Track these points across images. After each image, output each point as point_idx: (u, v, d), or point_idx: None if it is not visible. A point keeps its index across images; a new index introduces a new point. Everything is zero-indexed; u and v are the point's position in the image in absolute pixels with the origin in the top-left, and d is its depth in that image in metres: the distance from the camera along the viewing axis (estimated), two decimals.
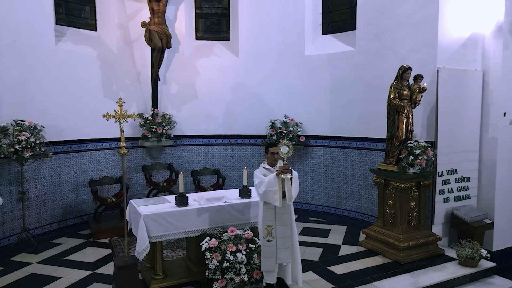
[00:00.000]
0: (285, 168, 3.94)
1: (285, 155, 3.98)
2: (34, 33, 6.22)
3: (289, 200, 3.99)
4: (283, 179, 3.94)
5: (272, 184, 3.95)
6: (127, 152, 4.35)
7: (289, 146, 4.00)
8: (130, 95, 7.65)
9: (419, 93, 5.37)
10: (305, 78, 7.74)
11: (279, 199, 3.97)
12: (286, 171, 3.92)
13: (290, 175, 3.94)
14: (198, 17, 8.39)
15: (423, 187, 5.38)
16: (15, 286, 4.51)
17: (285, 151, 3.99)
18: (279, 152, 4.01)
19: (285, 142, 4.00)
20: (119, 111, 4.35)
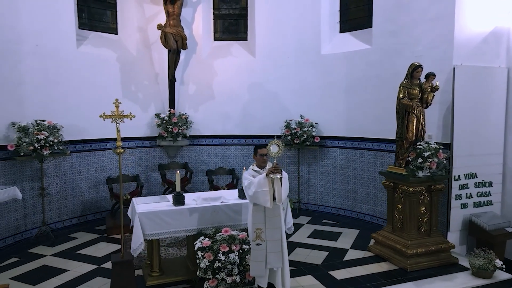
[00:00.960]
0: (275, 168, 3.88)
1: (275, 154, 3.93)
2: (56, 38, 6.56)
3: (278, 201, 3.92)
4: (273, 180, 3.88)
5: (262, 184, 3.90)
6: (123, 152, 4.47)
7: (279, 146, 3.94)
8: (148, 95, 7.89)
9: (431, 92, 5.09)
10: (321, 77, 7.59)
11: (269, 200, 3.91)
12: (276, 171, 3.86)
13: (280, 175, 3.88)
14: (216, 18, 8.48)
15: (435, 191, 5.09)
16: (25, 276, 4.77)
17: (275, 150, 3.94)
18: (268, 151, 3.96)
19: (275, 141, 3.95)
20: (115, 111, 4.40)
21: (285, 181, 3.97)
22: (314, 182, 7.86)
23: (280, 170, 3.92)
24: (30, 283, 4.57)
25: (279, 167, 3.92)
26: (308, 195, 7.94)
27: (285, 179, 3.98)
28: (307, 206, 7.91)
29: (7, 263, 5.22)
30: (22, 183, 6.17)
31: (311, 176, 7.87)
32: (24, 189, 6.18)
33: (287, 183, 4.01)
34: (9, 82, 5.93)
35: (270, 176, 3.86)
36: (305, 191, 7.96)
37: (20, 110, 6.07)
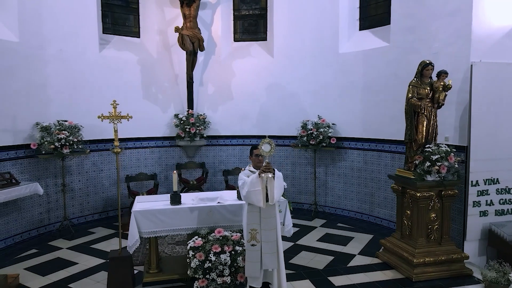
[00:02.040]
0: (267, 167, 3.83)
1: (267, 153, 3.88)
2: (79, 43, 6.92)
3: (271, 201, 3.85)
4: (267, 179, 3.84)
5: (255, 184, 3.86)
6: (121, 151, 4.61)
7: (271, 144, 3.89)
8: (168, 96, 8.10)
9: (443, 91, 4.77)
10: (339, 77, 7.38)
11: (262, 200, 3.86)
12: (267, 171, 3.81)
13: (272, 174, 3.82)
14: (236, 19, 8.52)
15: (447, 197, 4.77)
16: (38, 267, 5.08)
17: (267, 149, 3.88)
18: (260, 151, 3.92)
19: (266, 140, 3.90)
20: (113, 112, 4.56)
21: (278, 181, 3.89)
22: (331, 185, 7.67)
23: (273, 170, 3.86)
24: (40, 274, 4.87)
25: (271, 166, 3.86)
26: (326, 197, 7.76)
27: (278, 179, 3.91)
28: (324, 209, 7.73)
29: (27, 254, 5.59)
30: (46, 179, 6.58)
31: (329, 178, 7.68)
32: (48, 185, 6.60)
33: (281, 182, 3.93)
34: (34, 85, 6.33)
35: (261, 175, 3.82)
36: (322, 193, 7.79)
37: (44, 111, 6.47)
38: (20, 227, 6.16)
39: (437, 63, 5.41)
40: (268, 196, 3.86)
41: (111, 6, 7.72)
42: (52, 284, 4.59)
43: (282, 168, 8.15)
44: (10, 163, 5.98)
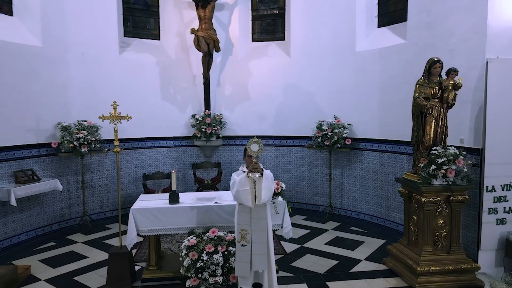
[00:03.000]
0: (254, 167, 3.81)
1: (255, 153, 3.87)
2: (100, 46, 7.23)
3: (258, 201, 3.82)
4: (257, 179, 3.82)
5: (244, 184, 3.86)
6: (120, 151, 4.76)
7: (259, 144, 3.87)
8: (186, 97, 8.25)
9: (453, 90, 4.49)
10: (355, 76, 7.17)
11: (251, 199, 3.85)
12: (255, 170, 3.80)
13: (259, 174, 3.79)
14: (255, 19, 8.52)
15: (456, 203, 4.48)
16: (51, 260, 5.37)
17: (255, 149, 3.88)
18: (248, 150, 3.91)
19: (254, 140, 3.89)
20: (113, 113, 4.71)
21: (267, 181, 3.85)
22: (347, 187, 7.46)
23: (261, 170, 3.83)
24: (52, 266, 5.14)
25: (259, 166, 3.84)
26: (342, 199, 7.57)
27: (267, 179, 3.86)
28: (339, 212, 7.54)
29: (45, 246, 5.93)
30: (67, 176, 6.94)
31: (345, 180, 7.49)
32: (69, 182, 6.96)
33: (269, 182, 3.87)
34: (57, 87, 6.70)
35: (249, 175, 3.81)
36: (338, 196, 7.60)
37: (66, 111, 6.82)
38: (42, 221, 6.54)
39: (453, 60, 5.14)
40: (256, 196, 3.83)
41: (132, 10, 7.99)
42: (59, 276, 4.83)
43: (299, 169, 8.06)
44: (33, 161, 6.36)
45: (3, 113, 5.84)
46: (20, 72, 6.11)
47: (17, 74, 6.05)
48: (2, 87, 5.82)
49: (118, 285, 4.44)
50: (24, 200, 6.14)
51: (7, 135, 5.93)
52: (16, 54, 6.05)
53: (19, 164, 6.12)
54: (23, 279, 4.66)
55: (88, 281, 4.66)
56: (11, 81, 5.97)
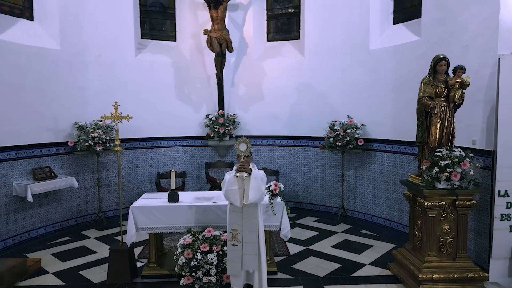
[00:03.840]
0: (242, 166, 3.81)
1: (243, 152, 3.89)
2: (116, 48, 7.46)
3: (245, 201, 3.81)
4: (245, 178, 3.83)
5: (232, 183, 3.87)
6: (120, 150, 4.88)
7: (247, 144, 3.88)
8: (200, 97, 8.35)
9: (460, 89, 4.26)
10: (369, 75, 6.97)
11: (239, 199, 3.86)
12: (241, 169, 3.80)
13: (246, 174, 3.79)
14: (270, 18, 8.49)
15: (462, 207, 4.25)
16: (62, 254, 5.61)
17: (243, 148, 3.91)
18: (236, 150, 3.92)
19: (242, 140, 3.90)
20: (114, 113, 4.84)
21: (255, 181, 3.82)
22: (360, 189, 7.27)
23: (249, 169, 3.82)
24: (61, 260, 5.36)
25: (247, 165, 3.84)
26: (355, 201, 7.38)
27: (256, 179, 3.83)
28: (353, 214, 7.36)
29: (59, 240, 6.20)
30: (84, 174, 7.21)
31: (358, 181, 7.30)
32: (86, 179, 7.23)
33: (259, 183, 3.83)
34: (74, 88, 6.97)
35: (237, 174, 3.82)
36: (351, 197, 7.42)
37: (83, 111, 7.09)
38: (60, 216, 6.83)
39: (466, 57, 4.90)
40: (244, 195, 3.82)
41: (149, 12, 8.18)
42: (66, 270, 5.03)
43: (312, 169, 7.94)
44: (51, 158, 6.67)
45: (23, 113, 6.15)
46: (39, 74, 6.41)
47: (36, 76, 6.36)
48: (22, 89, 6.13)
49: (118, 280, 4.57)
50: (42, 196, 6.44)
51: (27, 134, 6.24)
52: (36, 57, 6.35)
53: (38, 162, 6.43)
54: (32, 271, 4.89)
55: (92, 276, 4.81)
56: (31, 83, 6.28)
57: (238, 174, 3.78)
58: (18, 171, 6.11)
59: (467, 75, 4.23)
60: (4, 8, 6.19)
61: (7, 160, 5.94)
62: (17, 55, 6.06)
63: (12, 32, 6.16)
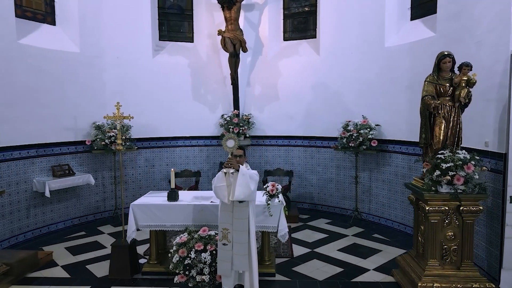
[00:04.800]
0: (228, 162, 3.82)
1: (230, 149, 3.93)
2: (134, 50, 7.69)
3: (231, 197, 3.82)
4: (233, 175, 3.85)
5: (221, 180, 3.92)
6: (122, 149, 5.02)
7: (235, 140, 3.91)
8: (216, 97, 8.43)
9: (466, 87, 4.01)
10: (384, 73, 6.73)
11: (227, 195, 3.88)
12: (228, 166, 3.81)
13: (234, 170, 3.79)
14: (286, 17, 8.41)
15: (467, 213, 4.00)
16: (75, 248, 5.86)
17: (231, 145, 3.95)
18: (223, 147, 3.95)
19: (229, 136, 3.93)
20: (116, 113, 4.98)
21: (244, 178, 3.81)
22: (375, 191, 7.03)
23: (237, 166, 3.83)
24: (72, 253, 5.61)
25: (234, 162, 3.84)
26: (370, 204, 7.16)
27: (244, 176, 3.82)
28: (367, 217, 7.14)
29: (76, 235, 6.48)
30: (102, 171, 7.50)
31: (373, 183, 7.07)
32: (104, 177, 7.52)
33: (247, 180, 3.81)
34: (93, 89, 7.26)
35: (224, 170, 3.85)
36: (366, 200, 7.20)
37: (101, 112, 7.26)
38: (78, 211, 7.15)
39: (479, 53, 4.64)
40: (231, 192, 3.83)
41: (167, 14, 8.36)
42: (75, 263, 5.25)
43: (327, 170, 7.79)
44: (71, 156, 6.98)
45: (43, 113, 6.48)
46: (59, 76, 6.73)
47: (56, 78, 6.68)
48: (42, 90, 6.46)
49: (119, 275, 4.71)
50: (62, 192, 6.77)
51: (47, 133, 6.57)
52: (56, 60, 6.67)
53: (58, 159, 6.76)
54: (43, 263, 5.15)
55: (97, 270, 4.99)
56: (51, 84, 6.61)
57: (225, 170, 3.80)
58: (38, 168, 6.45)
59: (474, 73, 3.97)
60: (27, 14, 6.55)
61: (28, 158, 6.29)
62: (38, 58, 6.39)
63: (34, 37, 6.51)
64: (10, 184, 5.98)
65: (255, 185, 3.92)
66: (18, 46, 6.08)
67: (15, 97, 6.03)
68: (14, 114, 6.02)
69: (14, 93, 6.02)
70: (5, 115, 5.88)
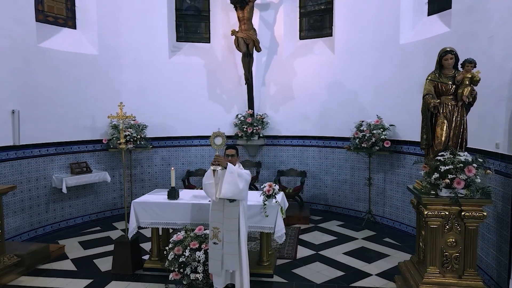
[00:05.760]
0: (216, 159, 3.84)
1: (218, 146, 3.96)
2: (150, 51, 7.89)
3: (218, 194, 3.83)
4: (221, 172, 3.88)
5: (209, 177, 3.98)
6: (125, 147, 5.15)
7: (222, 138, 3.93)
8: (231, 97, 8.47)
9: (471, 85, 3.78)
10: (399, 72, 6.49)
11: (214, 193, 3.90)
12: (216, 163, 3.82)
13: (221, 168, 3.80)
14: (302, 16, 8.31)
15: (470, 219, 3.76)
16: (87, 242, 6.10)
17: (218, 142, 3.99)
18: (211, 144, 3.99)
19: (217, 133, 3.95)
20: (120, 113, 5.11)
21: (231, 176, 3.82)
22: (389, 193, 6.79)
23: (225, 163, 3.84)
24: (84, 247, 5.84)
25: (222, 159, 3.86)
26: (384, 207, 6.92)
27: (232, 174, 3.82)
28: (381, 220, 6.92)
29: (91, 230, 6.75)
30: (120, 169, 7.76)
31: (387, 185, 6.83)
32: (121, 174, 7.77)
33: (233, 178, 3.82)
34: (111, 90, 7.52)
35: (211, 167, 3.88)
36: (380, 203, 6.97)
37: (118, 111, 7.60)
38: (96, 207, 7.43)
39: (491, 49, 4.39)
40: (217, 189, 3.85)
41: (184, 16, 8.52)
42: (84, 257, 5.47)
43: (341, 172, 7.62)
44: (89, 154, 7.28)
45: (62, 113, 6.80)
46: (79, 78, 7.03)
47: (75, 80, 6.98)
48: (62, 91, 6.78)
49: (121, 270, 4.86)
50: (80, 188, 7.07)
51: (66, 132, 6.89)
52: (76, 62, 6.98)
53: (76, 157, 7.07)
54: (55, 256, 5.40)
55: (102, 265, 5.17)
56: (70, 85, 6.91)
57: (212, 167, 3.83)
58: (57, 165, 6.77)
59: (478, 70, 3.74)
60: (49, 19, 6.90)
61: (48, 155, 6.62)
62: (58, 60, 6.71)
63: (55, 40, 6.84)
64: (30, 180, 6.32)
65: (244, 184, 3.91)
66: (38, 49, 6.41)
67: (35, 98, 6.37)
68: (34, 114, 6.35)
69: (34, 94, 6.35)
70: (26, 115, 6.21)
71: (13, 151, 6.02)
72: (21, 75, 6.12)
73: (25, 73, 6.18)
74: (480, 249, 4.61)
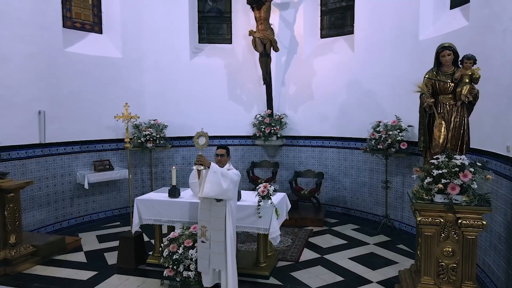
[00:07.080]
0: (198, 159, 3.89)
1: (202, 146, 4.02)
2: (172, 53, 8.12)
3: (200, 193, 3.89)
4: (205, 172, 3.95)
5: (194, 176, 4.15)
6: (130, 147, 5.34)
7: (206, 137, 3.98)
8: (251, 97, 8.49)
9: (470, 83, 3.50)
10: (417, 69, 6.03)
11: (198, 192, 3.98)
12: (198, 163, 3.88)
13: (203, 167, 3.85)
14: (323, 14, 8.15)
15: (467, 228, 3.49)
16: (104, 236, 6.41)
17: (202, 142, 4.03)
18: (194, 144, 4.05)
19: (200, 133, 4.01)
20: (125, 113, 5.31)
21: (215, 176, 3.86)
22: (408, 198, 6.43)
23: (208, 163, 3.88)
24: (99, 241, 6.15)
25: (204, 159, 3.90)
26: (402, 212, 6.60)
27: (215, 174, 3.87)
28: (399, 225, 6.60)
29: (110, 225, 7.09)
30: (141, 167, 8.08)
31: (406, 189, 6.49)
32: (143, 172, 8.09)
33: (217, 177, 3.86)
34: (134, 91, 7.84)
35: (194, 167, 3.95)
36: (398, 207, 6.65)
37: (140, 112, 7.74)
38: (118, 203, 7.79)
39: (505, 43, 4.04)
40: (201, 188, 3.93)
41: (206, 18, 8.67)
42: (96, 250, 5.76)
43: (360, 174, 7.37)
44: (112, 153, 7.65)
45: (87, 113, 7.20)
46: (103, 80, 7.41)
47: (100, 82, 7.37)
48: (87, 93, 7.18)
49: (125, 264, 5.06)
50: (103, 185, 7.45)
51: (90, 131, 7.29)
52: (101, 65, 7.36)
53: (100, 155, 7.46)
54: (70, 248, 5.74)
55: (110, 258, 5.41)
56: (95, 87, 7.30)
57: (195, 167, 3.89)
58: (81, 163, 7.19)
59: (478, 67, 3.45)
60: (76, 25, 7.33)
61: (72, 153, 7.04)
62: (83, 64, 7.12)
63: (82, 45, 7.26)
64: (55, 176, 6.77)
65: (229, 184, 3.91)
66: (64, 53, 6.84)
67: (61, 99, 6.80)
68: (60, 114, 6.79)
69: (60, 95, 6.79)
70: (53, 115, 6.65)
71: (39, 148, 6.47)
72: (47, 78, 6.56)
73: (51, 76, 6.62)
74: (493, 261, 4.26)
